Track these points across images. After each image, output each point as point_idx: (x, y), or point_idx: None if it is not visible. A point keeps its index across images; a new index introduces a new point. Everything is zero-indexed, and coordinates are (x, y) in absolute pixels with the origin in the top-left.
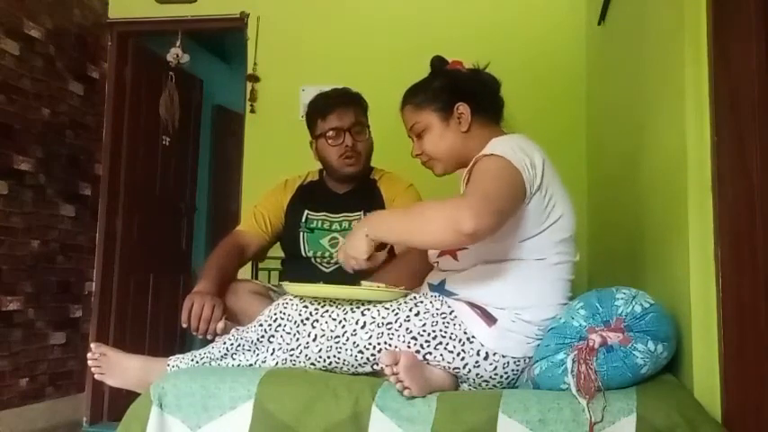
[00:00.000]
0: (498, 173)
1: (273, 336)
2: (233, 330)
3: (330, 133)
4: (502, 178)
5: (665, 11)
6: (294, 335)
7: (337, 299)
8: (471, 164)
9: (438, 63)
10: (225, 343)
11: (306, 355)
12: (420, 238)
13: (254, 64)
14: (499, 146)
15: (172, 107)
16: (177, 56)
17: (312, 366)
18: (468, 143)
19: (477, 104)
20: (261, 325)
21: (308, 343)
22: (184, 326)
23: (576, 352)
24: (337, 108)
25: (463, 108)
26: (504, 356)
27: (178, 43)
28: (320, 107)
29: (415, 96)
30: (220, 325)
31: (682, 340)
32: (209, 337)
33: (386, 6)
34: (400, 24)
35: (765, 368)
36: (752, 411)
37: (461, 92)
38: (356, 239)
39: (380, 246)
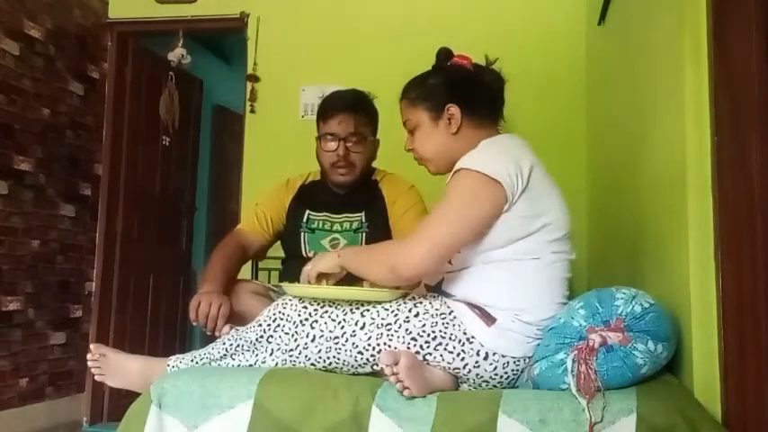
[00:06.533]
0: (467, 194)
1: (272, 336)
2: (232, 331)
3: (327, 137)
4: (467, 203)
5: (665, 11)
6: (293, 335)
7: (337, 300)
8: (452, 173)
9: (442, 56)
10: (224, 343)
11: (305, 356)
12: (369, 276)
13: (254, 64)
14: (484, 152)
15: (172, 107)
16: (182, 56)
17: (312, 367)
18: (457, 145)
19: (470, 106)
20: (260, 325)
21: (306, 344)
22: (194, 324)
23: (575, 352)
24: (339, 113)
25: (454, 109)
26: (503, 356)
27: (181, 44)
28: (324, 108)
29: (411, 91)
30: (226, 328)
31: (682, 340)
32: (217, 333)
33: (386, 6)
34: (400, 24)
35: (765, 368)
36: (752, 411)
37: (456, 91)
38: (328, 254)
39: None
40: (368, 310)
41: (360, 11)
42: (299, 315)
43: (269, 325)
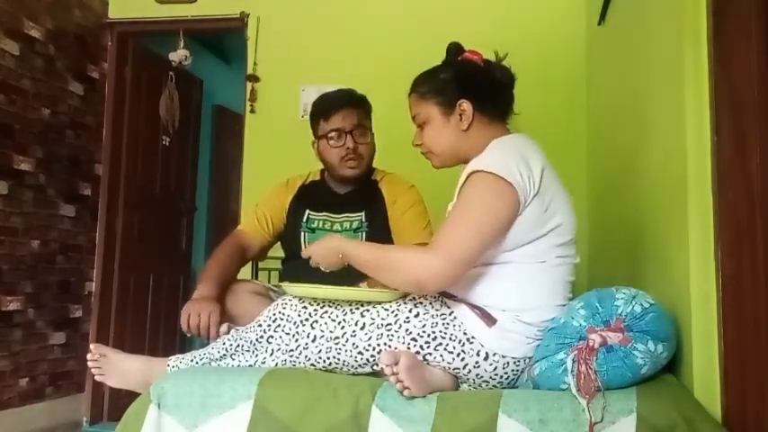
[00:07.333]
0: (484, 199)
1: (272, 336)
2: (232, 331)
3: (332, 134)
4: (485, 208)
5: (665, 11)
6: (293, 336)
7: (337, 300)
8: (465, 175)
9: (453, 51)
10: (224, 343)
11: (305, 356)
12: (386, 280)
13: (254, 64)
14: (497, 153)
15: (172, 107)
16: (185, 57)
17: (312, 367)
18: (468, 141)
19: (481, 102)
20: (260, 325)
21: (306, 344)
22: (189, 335)
23: (575, 352)
24: (341, 109)
25: (466, 105)
26: (503, 357)
27: (182, 44)
28: (323, 108)
29: (421, 86)
30: (223, 329)
31: (682, 340)
32: (211, 341)
33: (385, 6)
34: (400, 24)
35: (765, 368)
36: (752, 411)
37: (467, 87)
38: (329, 253)
39: None
40: (368, 311)
41: (360, 11)
42: (299, 315)
43: (269, 325)
